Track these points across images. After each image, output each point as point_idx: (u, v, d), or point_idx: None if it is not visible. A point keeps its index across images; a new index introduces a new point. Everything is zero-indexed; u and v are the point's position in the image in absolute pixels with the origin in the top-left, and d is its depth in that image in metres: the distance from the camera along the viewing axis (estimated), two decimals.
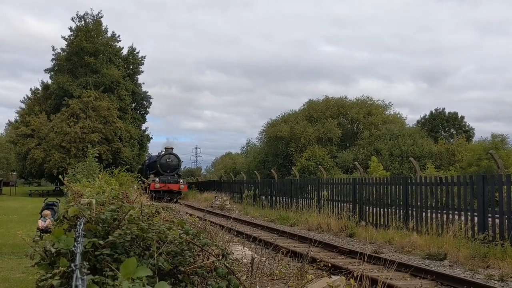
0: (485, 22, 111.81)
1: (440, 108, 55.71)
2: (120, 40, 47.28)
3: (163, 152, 36.14)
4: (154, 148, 73.36)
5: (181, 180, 35.18)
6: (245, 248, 8.18)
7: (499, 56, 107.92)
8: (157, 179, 32.92)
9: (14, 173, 52.36)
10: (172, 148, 36.76)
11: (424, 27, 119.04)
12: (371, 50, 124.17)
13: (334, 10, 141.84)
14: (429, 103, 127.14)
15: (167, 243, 2.99)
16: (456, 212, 11.61)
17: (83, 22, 44.67)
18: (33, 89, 49.01)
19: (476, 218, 10.89)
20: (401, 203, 13.54)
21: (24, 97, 49.94)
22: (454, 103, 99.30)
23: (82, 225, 2.77)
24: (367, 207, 15.41)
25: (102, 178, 11.83)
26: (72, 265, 1.84)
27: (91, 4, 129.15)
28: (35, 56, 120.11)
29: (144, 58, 49.71)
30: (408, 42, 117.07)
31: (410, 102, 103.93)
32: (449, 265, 9.06)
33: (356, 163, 19.80)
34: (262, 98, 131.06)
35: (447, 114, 54.83)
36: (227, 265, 3.22)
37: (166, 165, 34.55)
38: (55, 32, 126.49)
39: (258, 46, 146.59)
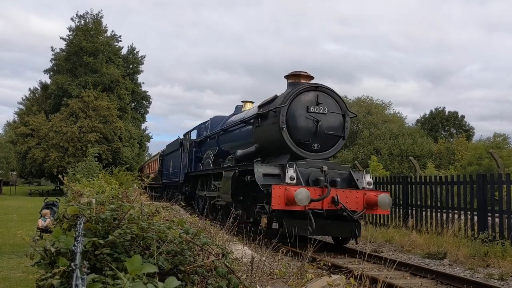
0: (492, 20, 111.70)
1: (440, 107, 55.79)
2: (120, 40, 47.39)
3: (296, 90, 10.19)
4: (155, 148, 72.96)
5: (368, 177, 10.04)
6: (245, 247, 8.18)
7: (505, 55, 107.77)
8: (290, 172, 9.08)
9: (14, 173, 52.42)
10: (313, 77, 11.02)
11: (430, 26, 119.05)
12: (376, 49, 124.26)
13: (339, 8, 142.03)
14: (433, 102, 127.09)
15: (167, 242, 2.99)
16: (456, 211, 11.61)
17: (82, 21, 44.70)
18: (31, 89, 49.17)
19: (476, 217, 10.89)
20: (401, 202, 13.54)
21: (22, 97, 50.10)
22: (458, 102, 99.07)
23: (82, 225, 2.77)
24: None
25: (102, 178, 11.86)
26: (72, 264, 1.84)
27: (95, 2, 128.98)
28: (38, 55, 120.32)
29: (144, 57, 49.84)
30: (413, 41, 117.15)
31: (413, 101, 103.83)
32: (449, 264, 9.06)
33: (356, 162, 19.80)
34: (266, 97, 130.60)
35: (447, 113, 54.86)
36: (227, 264, 3.22)
37: (314, 124, 10.18)
38: (58, 31, 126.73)
39: (263, 44, 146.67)
